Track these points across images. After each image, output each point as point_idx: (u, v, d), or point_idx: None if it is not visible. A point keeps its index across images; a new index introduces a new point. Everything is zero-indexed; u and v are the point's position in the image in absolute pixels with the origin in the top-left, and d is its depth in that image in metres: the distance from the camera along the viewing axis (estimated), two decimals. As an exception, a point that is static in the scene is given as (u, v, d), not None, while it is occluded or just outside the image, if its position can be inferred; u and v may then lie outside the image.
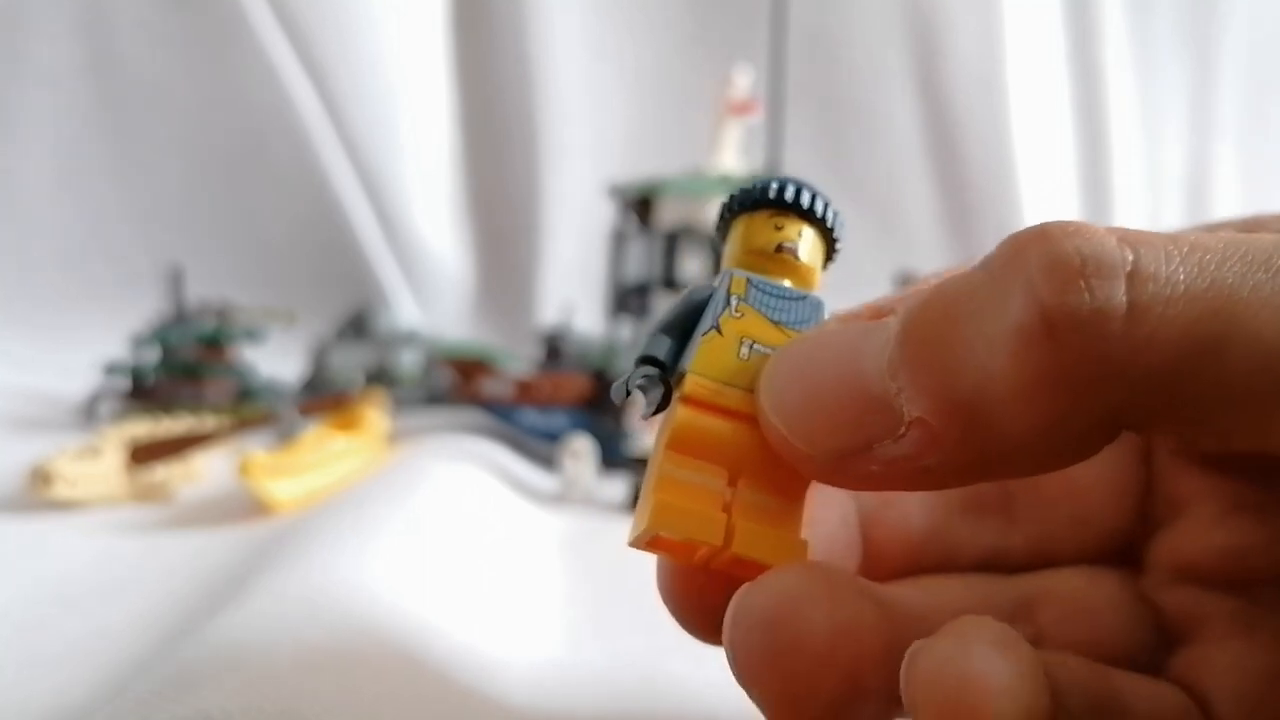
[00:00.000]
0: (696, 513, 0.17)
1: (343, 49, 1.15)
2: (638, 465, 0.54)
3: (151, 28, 1.14)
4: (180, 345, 0.77)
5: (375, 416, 0.66)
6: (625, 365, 0.63)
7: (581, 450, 0.56)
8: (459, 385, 0.74)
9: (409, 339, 0.88)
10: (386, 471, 0.54)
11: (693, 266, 0.65)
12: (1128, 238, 0.14)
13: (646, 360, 0.18)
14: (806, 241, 0.19)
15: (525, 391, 0.66)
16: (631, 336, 0.68)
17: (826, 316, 0.19)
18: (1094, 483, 0.23)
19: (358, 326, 0.88)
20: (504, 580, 0.39)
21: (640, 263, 0.68)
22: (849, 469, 0.16)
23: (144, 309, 0.83)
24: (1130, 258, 0.14)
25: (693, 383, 0.17)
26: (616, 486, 0.56)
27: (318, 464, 0.54)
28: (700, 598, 0.19)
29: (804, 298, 0.18)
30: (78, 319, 1.05)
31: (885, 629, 0.16)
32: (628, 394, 0.18)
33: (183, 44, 1.14)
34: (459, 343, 0.93)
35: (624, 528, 0.19)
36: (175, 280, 0.79)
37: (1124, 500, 0.22)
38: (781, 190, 0.19)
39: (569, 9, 1.21)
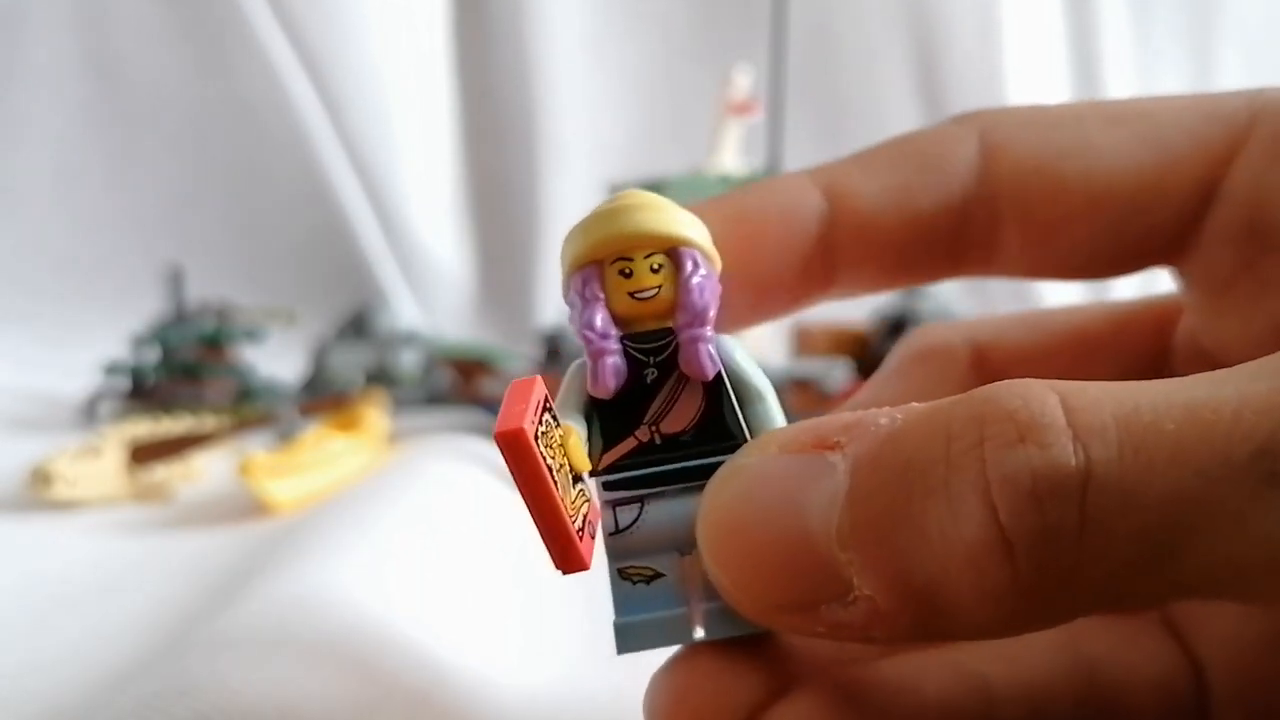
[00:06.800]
0: None
1: (343, 49, 1.15)
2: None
3: (151, 27, 1.14)
4: (180, 345, 0.77)
5: (375, 416, 0.66)
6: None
7: (581, 450, 0.56)
8: (459, 385, 0.74)
9: (409, 339, 0.88)
10: (386, 472, 0.54)
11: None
12: (1080, 426, 0.14)
13: None
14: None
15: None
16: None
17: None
18: None
19: (358, 326, 0.87)
20: (503, 581, 0.39)
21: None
22: (792, 624, 0.16)
23: (144, 309, 0.83)
24: (1083, 462, 0.13)
25: None
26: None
27: (317, 464, 0.54)
28: None
29: None
30: (78, 319, 1.05)
31: None
32: None
33: (183, 44, 1.14)
34: (459, 343, 0.92)
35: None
36: (175, 280, 0.79)
37: None
38: None
39: (569, 9, 1.21)
